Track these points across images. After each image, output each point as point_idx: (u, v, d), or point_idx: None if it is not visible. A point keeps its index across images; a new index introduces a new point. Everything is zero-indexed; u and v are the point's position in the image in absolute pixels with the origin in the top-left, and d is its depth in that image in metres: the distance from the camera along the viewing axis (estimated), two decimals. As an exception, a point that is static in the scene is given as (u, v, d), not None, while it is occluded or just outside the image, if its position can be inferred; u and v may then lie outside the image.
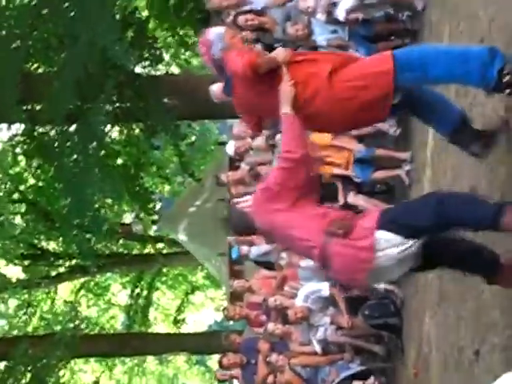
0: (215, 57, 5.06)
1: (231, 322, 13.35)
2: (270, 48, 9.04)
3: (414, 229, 4.19)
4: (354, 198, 9.08)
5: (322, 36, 8.60)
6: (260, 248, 10.68)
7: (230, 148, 10.59)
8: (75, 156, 15.56)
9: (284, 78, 4.74)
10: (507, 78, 4.45)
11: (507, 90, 4.52)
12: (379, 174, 9.07)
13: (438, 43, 7.07)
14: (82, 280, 25.27)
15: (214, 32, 5.15)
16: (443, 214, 4.16)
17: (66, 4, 14.10)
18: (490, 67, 4.47)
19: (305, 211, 4.51)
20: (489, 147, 4.80)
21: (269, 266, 10.87)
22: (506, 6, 4.78)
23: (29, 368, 18.74)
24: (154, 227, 22.41)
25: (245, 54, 4.81)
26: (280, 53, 4.89)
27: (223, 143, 13.40)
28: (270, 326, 9.73)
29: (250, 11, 9.03)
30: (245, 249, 10.80)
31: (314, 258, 4.55)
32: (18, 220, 20.92)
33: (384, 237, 4.23)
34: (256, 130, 5.45)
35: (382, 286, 9.11)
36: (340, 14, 8.05)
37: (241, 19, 8.94)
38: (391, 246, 4.19)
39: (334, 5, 8.06)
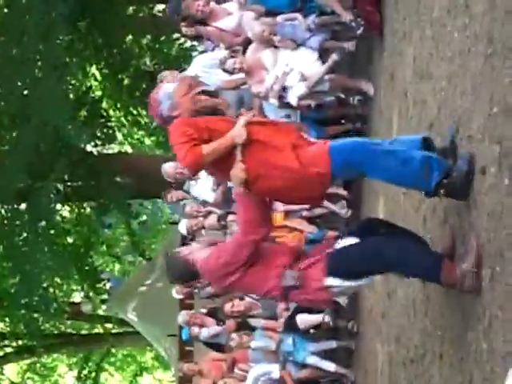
0: (163, 114, 5.10)
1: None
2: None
3: (360, 274, 4.67)
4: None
5: (274, 118, 8.68)
6: (210, 330, 10.60)
7: (183, 227, 10.57)
8: (25, 234, 15.40)
9: (236, 160, 4.72)
10: (443, 190, 4.55)
11: (442, 191, 4.60)
12: (330, 256, 9.08)
13: (388, 129, 7.19)
14: (29, 361, 24.76)
15: (164, 90, 5.19)
16: (385, 264, 4.61)
17: (19, 83, 14.11)
18: (428, 177, 4.56)
19: (258, 276, 4.79)
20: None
21: (219, 347, 10.77)
22: (453, 93, 4.88)
23: None
24: (103, 307, 22.13)
25: (189, 149, 4.72)
26: (236, 134, 4.78)
27: (175, 223, 13.40)
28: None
29: (203, 91, 9.09)
30: (195, 330, 10.70)
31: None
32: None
33: (334, 282, 4.68)
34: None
35: (332, 368, 9.07)
36: (292, 100, 8.13)
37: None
38: (342, 286, 4.69)
39: (284, 90, 8.14)
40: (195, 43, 10.97)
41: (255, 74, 8.40)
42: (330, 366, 9.09)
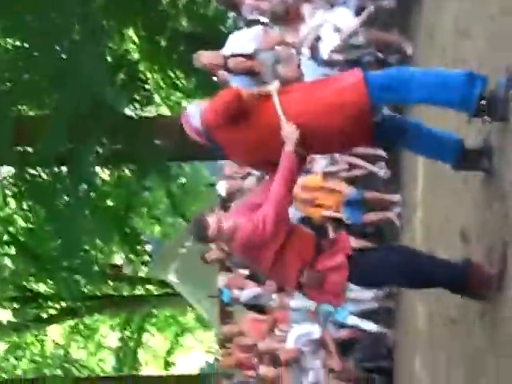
0: (196, 125, 5.04)
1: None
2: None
3: (380, 286, 4.68)
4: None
5: (311, 77, 8.63)
6: (250, 291, 10.66)
7: (222, 188, 10.61)
8: (66, 198, 15.55)
9: (282, 122, 4.76)
10: (483, 102, 4.56)
11: (485, 116, 4.62)
12: (370, 216, 9.07)
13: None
14: (72, 322, 25.10)
15: (192, 106, 5.19)
16: (409, 278, 4.76)
17: (58, 47, 14.17)
18: (469, 91, 4.57)
19: (285, 261, 4.84)
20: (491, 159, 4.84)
21: (259, 309, 10.83)
22: (493, 53, 4.82)
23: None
24: (144, 268, 22.34)
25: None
26: (272, 85, 4.97)
27: (214, 184, 13.46)
28: (262, 369, 9.67)
29: (239, 55, 9.11)
30: (236, 292, 10.76)
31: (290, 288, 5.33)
32: (7, 262, 20.80)
33: (353, 288, 5.07)
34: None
35: (373, 328, 9.08)
36: (324, 52, 8.07)
37: (231, 62, 9.02)
38: (359, 293, 4.71)
39: (318, 41, 8.07)
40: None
41: (293, 24, 8.35)
42: (371, 326, 9.10)
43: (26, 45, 14.70)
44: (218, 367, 11.12)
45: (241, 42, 9.11)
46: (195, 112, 5.06)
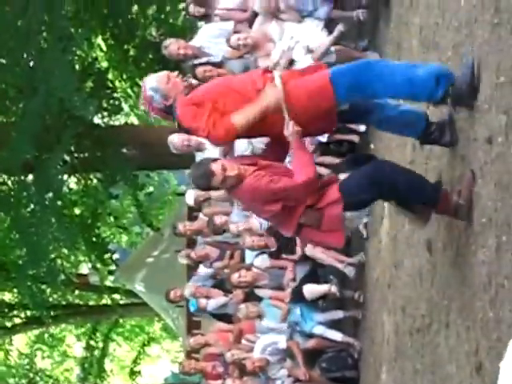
0: (160, 108, 5.18)
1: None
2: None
3: (366, 203, 4.99)
4: (311, 250, 9.09)
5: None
6: (217, 301, 10.62)
7: (190, 197, 10.58)
8: (32, 206, 15.42)
9: (289, 125, 4.86)
10: (448, 100, 4.72)
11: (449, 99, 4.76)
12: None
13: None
14: (37, 331, 24.89)
15: (148, 86, 5.21)
16: (388, 194, 4.88)
17: (25, 54, 14.08)
18: (435, 90, 4.71)
19: (292, 210, 4.95)
20: (455, 132, 4.97)
21: (227, 318, 10.81)
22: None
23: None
24: (111, 278, 22.21)
25: (215, 122, 4.94)
26: (273, 93, 4.97)
27: (181, 194, 13.42)
28: (228, 382, 9.65)
29: (207, 63, 9.11)
30: (203, 302, 10.73)
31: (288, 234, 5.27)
32: (-28, 270, 20.58)
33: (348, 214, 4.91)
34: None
35: (339, 337, 9.10)
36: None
37: (199, 71, 9.00)
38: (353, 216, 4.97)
39: (291, 64, 8.09)
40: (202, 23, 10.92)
41: (262, 48, 8.37)
42: (337, 336, 9.13)
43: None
44: (181, 372, 11.02)
45: (212, 33, 9.13)
46: (154, 92, 5.15)
